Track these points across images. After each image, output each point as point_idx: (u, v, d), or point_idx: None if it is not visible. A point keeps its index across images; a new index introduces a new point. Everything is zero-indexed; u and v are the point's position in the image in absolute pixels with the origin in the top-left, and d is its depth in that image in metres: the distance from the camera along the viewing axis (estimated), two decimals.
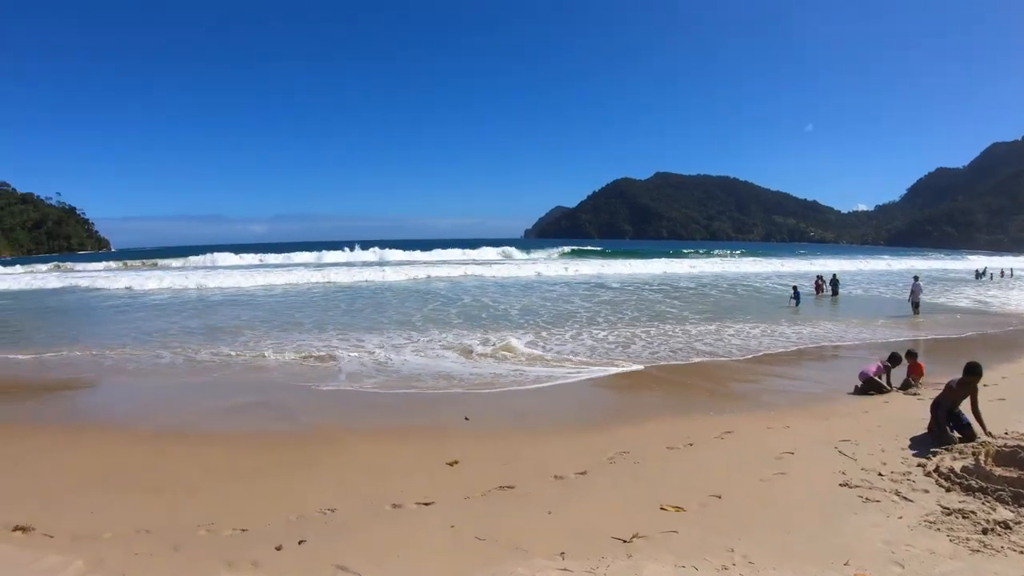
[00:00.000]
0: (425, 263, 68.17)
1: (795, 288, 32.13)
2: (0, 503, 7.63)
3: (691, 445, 9.46)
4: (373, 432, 10.96)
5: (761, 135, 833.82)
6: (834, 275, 38.52)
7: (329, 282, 44.34)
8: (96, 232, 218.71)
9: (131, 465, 9.20)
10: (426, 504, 7.43)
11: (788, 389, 14.22)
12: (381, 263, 68.83)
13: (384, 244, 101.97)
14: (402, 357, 17.69)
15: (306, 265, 68.18)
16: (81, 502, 7.65)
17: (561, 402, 13.53)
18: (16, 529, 6.72)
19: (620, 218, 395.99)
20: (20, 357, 18.56)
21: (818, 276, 39.01)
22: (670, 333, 22.08)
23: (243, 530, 6.75)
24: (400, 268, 55.91)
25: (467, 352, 18.26)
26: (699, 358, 17.71)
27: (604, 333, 22.07)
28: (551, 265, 57.94)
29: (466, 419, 11.51)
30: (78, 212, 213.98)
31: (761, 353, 18.54)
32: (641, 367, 16.32)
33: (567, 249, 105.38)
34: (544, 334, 21.84)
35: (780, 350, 19.15)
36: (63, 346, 20.31)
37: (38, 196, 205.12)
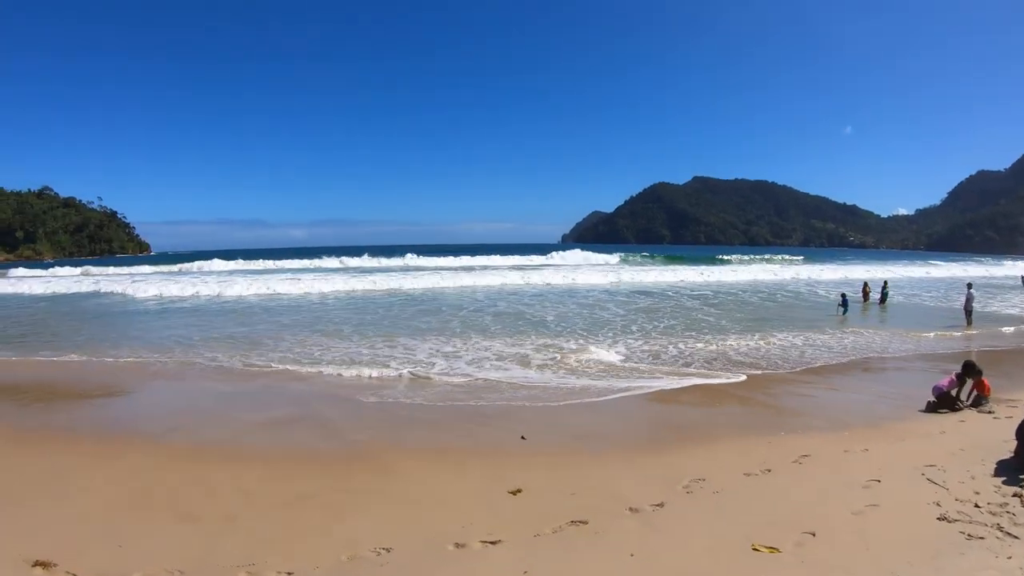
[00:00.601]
0: (465, 268, 66.89)
1: (843, 295, 31.08)
2: (24, 531, 7.10)
3: (769, 471, 8.76)
4: (425, 452, 10.25)
5: (799, 138, 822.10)
6: (884, 282, 37.33)
7: (367, 290, 43.01)
8: (137, 236, 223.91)
9: (164, 486, 8.63)
10: (493, 543, 6.66)
11: (853, 405, 13.55)
12: (431, 269, 67.48)
13: (424, 249, 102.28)
14: (451, 366, 17.19)
15: (345, 270, 68.05)
16: (109, 532, 7.08)
17: (619, 418, 12.76)
18: (36, 564, 6.18)
19: (658, 223, 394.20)
20: (61, 359, 18.90)
21: (865, 283, 37.82)
22: (724, 342, 21.17)
23: (288, 574, 6.11)
24: (441, 273, 55.08)
25: (521, 361, 17.64)
26: (752, 370, 16.79)
27: (641, 342, 21.29)
28: (591, 273, 56.49)
29: (523, 438, 10.81)
30: (119, 216, 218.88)
31: (818, 364, 17.76)
32: (703, 380, 15.51)
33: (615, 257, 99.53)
34: (594, 343, 20.93)
35: (834, 361, 18.35)
36: (104, 350, 20.47)
37: (80, 200, 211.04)
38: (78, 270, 74.31)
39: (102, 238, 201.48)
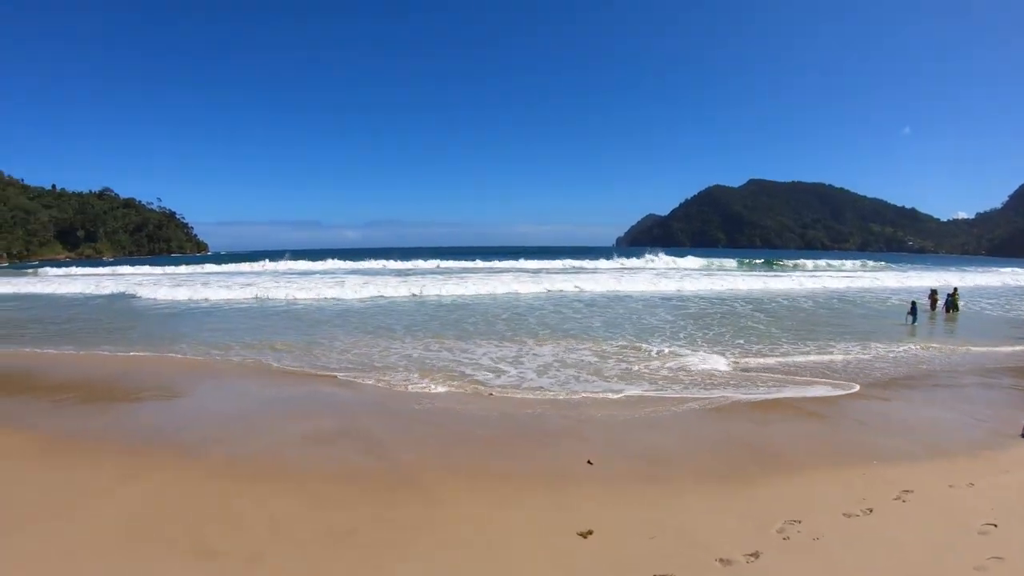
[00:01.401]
0: (525, 271, 65.71)
1: (914, 304, 29.41)
2: (13, 561, 6.49)
3: (870, 511, 7.75)
4: (480, 478, 9.16)
5: (856, 139, 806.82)
6: (954, 289, 35.26)
7: (415, 295, 40.54)
8: (195, 236, 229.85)
9: (188, 512, 7.78)
10: None
11: (943, 427, 12.36)
12: (485, 270, 66.66)
13: (478, 252, 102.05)
14: (520, 375, 16.24)
15: (396, 272, 67.19)
16: (113, 569, 6.32)
17: (692, 437, 11.48)
18: None
19: (713, 226, 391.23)
20: (108, 352, 19.27)
21: (933, 290, 35.86)
22: (791, 352, 19.85)
23: None
24: (503, 276, 54.20)
25: (583, 369, 16.59)
26: (826, 383, 15.53)
27: (711, 350, 19.89)
28: (636, 278, 54.64)
29: (590, 463, 9.61)
30: (178, 216, 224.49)
31: (891, 378, 16.48)
32: (778, 394, 14.27)
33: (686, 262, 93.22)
34: (666, 348, 19.65)
35: (909, 375, 17.04)
36: (160, 345, 20.91)
37: (139, 201, 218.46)
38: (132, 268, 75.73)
39: (161, 237, 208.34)
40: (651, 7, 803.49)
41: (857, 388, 15.07)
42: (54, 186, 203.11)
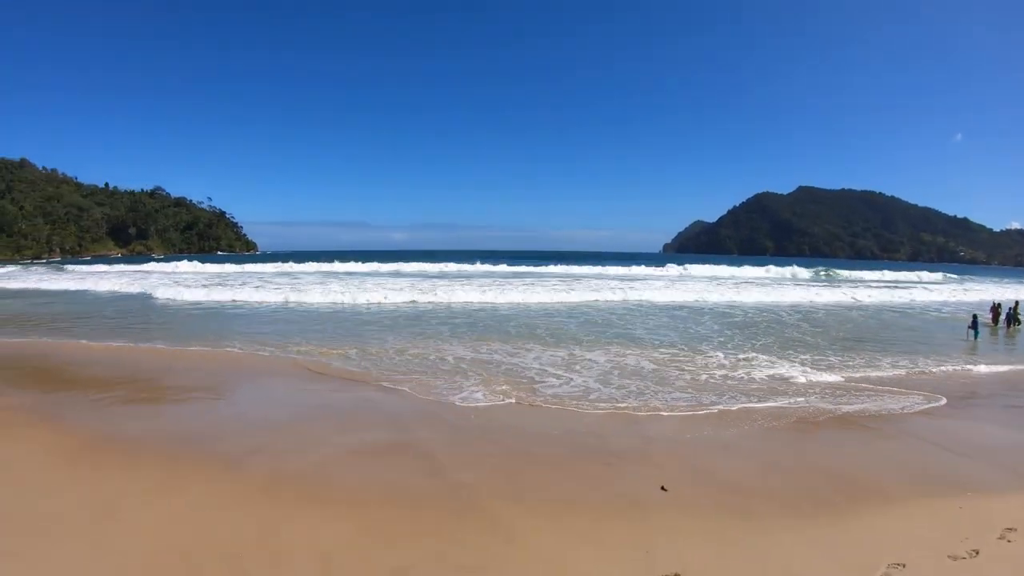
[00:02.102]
0: (585, 278, 64.21)
1: (975, 317, 27.75)
2: None
3: (976, 553, 6.91)
4: (549, 505, 8.13)
5: (907, 146, 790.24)
6: (1016, 303, 33.57)
7: (463, 302, 37.73)
8: (244, 235, 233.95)
9: (222, 540, 6.95)
10: None
11: None
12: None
13: (529, 257, 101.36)
14: (565, 379, 15.44)
15: (443, 276, 66.22)
16: None
17: (771, 460, 10.39)
18: None
19: (761, 233, 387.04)
20: (159, 346, 19.46)
21: (995, 303, 34.18)
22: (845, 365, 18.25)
23: None
24: (546, 282, 53.27)
25: (644, 379, 15.42)
26: (897, 395, 14.64)
27: (777, 361, 18.27)
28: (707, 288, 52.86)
29: (664, 489, 8.68)
30: (227, 216, 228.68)
31: (963, 394, 15.45)
32: (848, 406, 12.83)
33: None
34: (716, 361, 18.32)
35: (978, 392, 16.10)
36: (213, 341, 20.94)
37: (190, 200, 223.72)
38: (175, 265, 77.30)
39: (210, 236, 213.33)
40: (699, 8, 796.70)
41: (930, 405, 14.07)
42: (107, 184, 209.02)
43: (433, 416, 12.52)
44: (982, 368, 19.00)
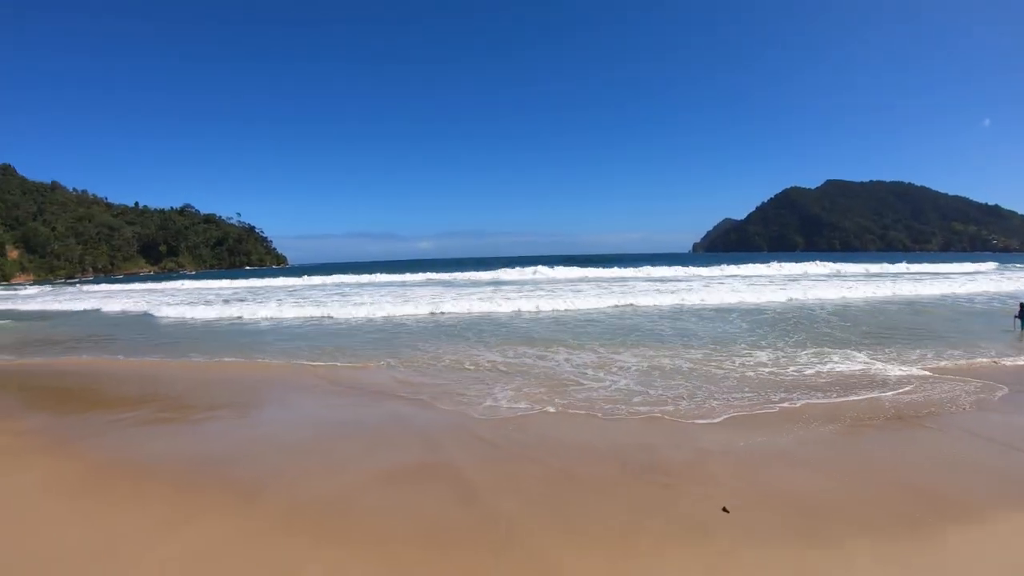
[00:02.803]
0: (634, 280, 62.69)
1: (1022, 306, 26.13)
2: None
3: None
4: (602, 540, 6.98)
5: (934, 134, 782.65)
6: None
7: (494, 312, 34.93)
8: (274, 249, 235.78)
9: None
10: None
11: None
12: (568, 282, 63.82)
13: (559, 261, 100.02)
14: (606, 382, 14.12)
15: (471, 284, 64.67)
16: None
17: (830, 467, 9.30)
18: None
19: (790, 229, 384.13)
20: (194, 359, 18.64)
21: None
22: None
23: None
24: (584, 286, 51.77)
25: (689, 378, 13.97)
26: (962, 389, 13.25)
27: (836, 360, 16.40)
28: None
29: (725, 511, 7.72)
30: (257, 231, 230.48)
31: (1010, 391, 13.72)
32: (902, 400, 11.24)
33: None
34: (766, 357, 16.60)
35: None
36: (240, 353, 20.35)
37: (219, 216, 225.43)
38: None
39: (240, 251, 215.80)
40: (719, 6, 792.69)
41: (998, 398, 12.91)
42: (137, 203, 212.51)
43: (466, 431, 11.53)
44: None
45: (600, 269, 79.29)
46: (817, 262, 78.60)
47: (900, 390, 13.73)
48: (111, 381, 17.97)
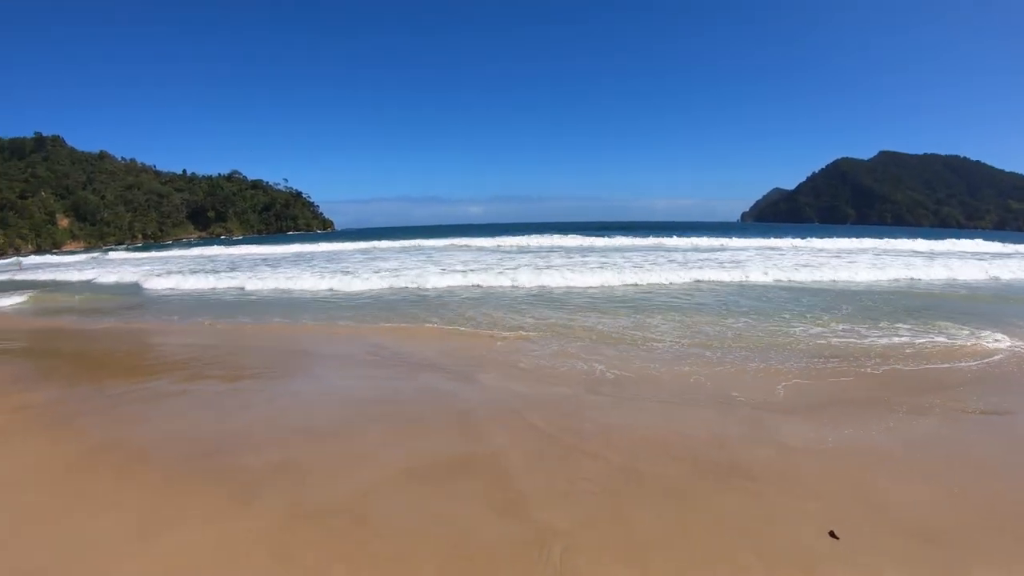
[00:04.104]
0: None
1: None
2: None
3: None
4: (678, 567, 5.48)
5: (993, 106, 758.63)
6: None
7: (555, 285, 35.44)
8: (321, 214, 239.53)
9: None
10: None
11: None
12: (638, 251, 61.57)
13: (612, 228, 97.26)
14: (677, 367, 12.04)
15: (519, 250, 62.31)
16: None
17: (947, 477, 7.29)
18: None
19: (842, 200, 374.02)
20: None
21: None
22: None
23: None
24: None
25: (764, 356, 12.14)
26: None
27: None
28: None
29: (833, 536, 6.18)
30: (304, 196, 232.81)
31: None
32: None
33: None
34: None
35: None
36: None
37: (266, 182, 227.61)
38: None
39: (287, 216, 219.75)
40: None
41: None
42: (184, 171, 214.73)
43: (514, 414, 9.84)
44: None
45: (664, 238, 74.63)
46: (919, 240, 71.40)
47: None
48: (141, 346, 16.98)
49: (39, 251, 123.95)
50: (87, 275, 43.51)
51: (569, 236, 78.14)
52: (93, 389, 12.15)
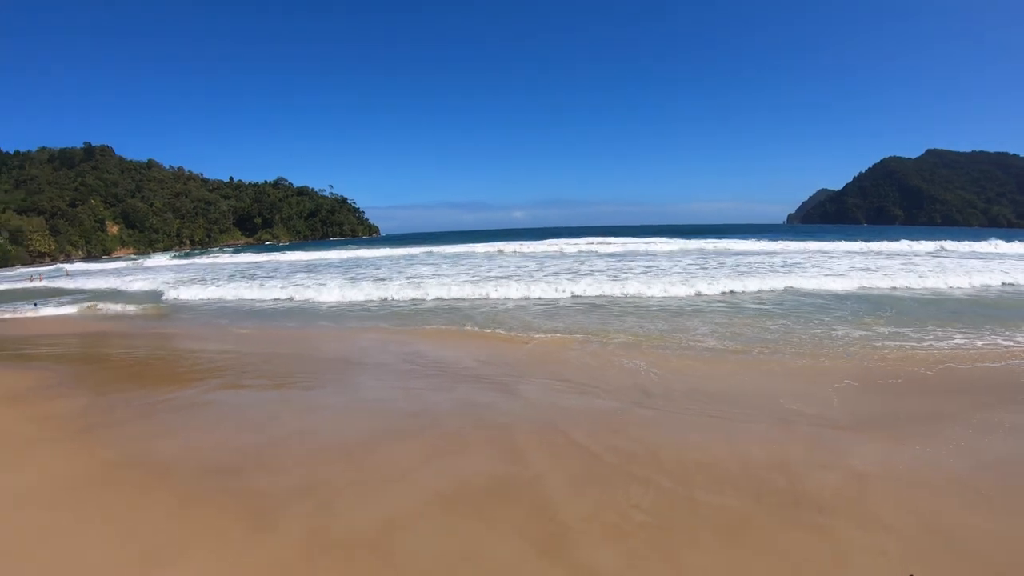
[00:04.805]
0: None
1: None
2: None
3: None
4: None
5: None
6: None
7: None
8: (366, 219, 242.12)
9: None
10: None
11: None
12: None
13: (661, 232, 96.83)
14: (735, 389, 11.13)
15: (588, 255, 62.19)
16: None
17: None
18: None
19: (890, 201, 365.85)
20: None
21: None
22: None
23: None
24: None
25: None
26: None
27: None
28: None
29: None
30: (349, 202, 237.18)
31: None
32: None
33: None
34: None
35: None
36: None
37: (312, 188, 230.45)
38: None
39: (333, 222, 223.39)
40: None
41: None
42: (231, 178, 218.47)
43: (559, 433, 9.03)
44: None
45: (715, 240, 72.35)
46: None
47: None
48: (172, 353, 16.72)
49: (89, 257, 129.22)
50: (113, 283, 44.32)
51: (646, 239, 77.12)
52: (120, 398, 11.77)
